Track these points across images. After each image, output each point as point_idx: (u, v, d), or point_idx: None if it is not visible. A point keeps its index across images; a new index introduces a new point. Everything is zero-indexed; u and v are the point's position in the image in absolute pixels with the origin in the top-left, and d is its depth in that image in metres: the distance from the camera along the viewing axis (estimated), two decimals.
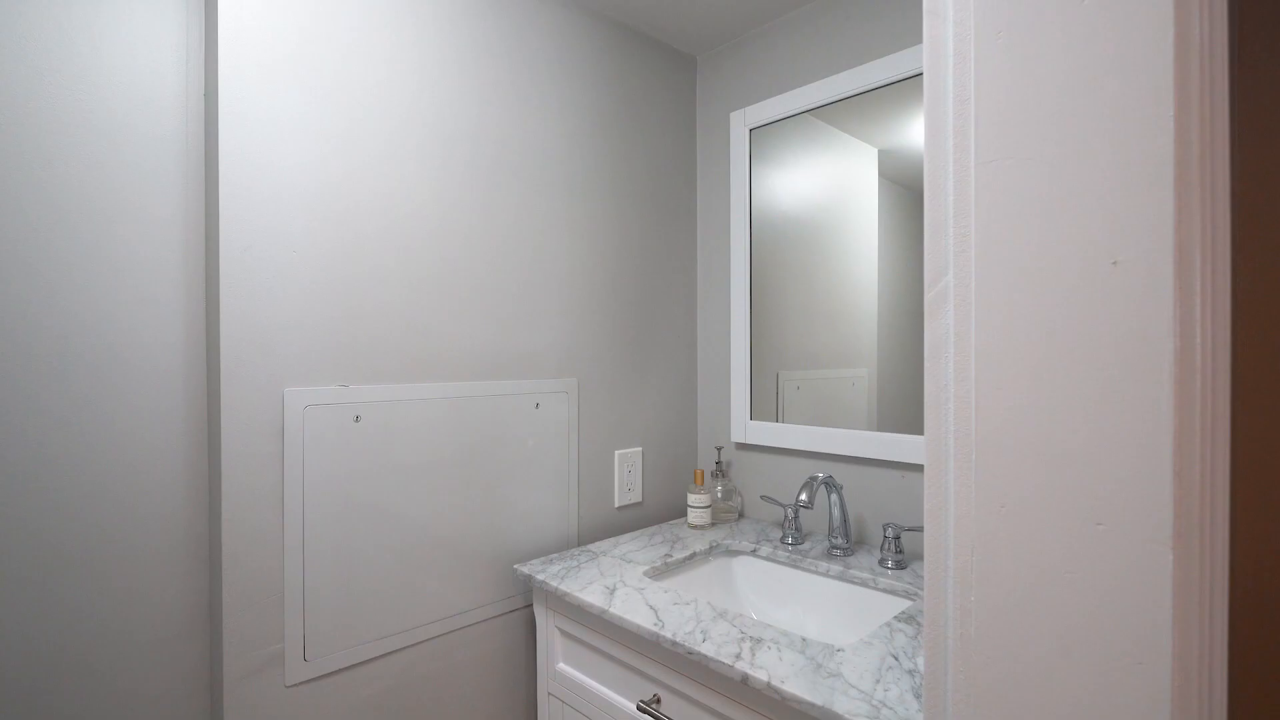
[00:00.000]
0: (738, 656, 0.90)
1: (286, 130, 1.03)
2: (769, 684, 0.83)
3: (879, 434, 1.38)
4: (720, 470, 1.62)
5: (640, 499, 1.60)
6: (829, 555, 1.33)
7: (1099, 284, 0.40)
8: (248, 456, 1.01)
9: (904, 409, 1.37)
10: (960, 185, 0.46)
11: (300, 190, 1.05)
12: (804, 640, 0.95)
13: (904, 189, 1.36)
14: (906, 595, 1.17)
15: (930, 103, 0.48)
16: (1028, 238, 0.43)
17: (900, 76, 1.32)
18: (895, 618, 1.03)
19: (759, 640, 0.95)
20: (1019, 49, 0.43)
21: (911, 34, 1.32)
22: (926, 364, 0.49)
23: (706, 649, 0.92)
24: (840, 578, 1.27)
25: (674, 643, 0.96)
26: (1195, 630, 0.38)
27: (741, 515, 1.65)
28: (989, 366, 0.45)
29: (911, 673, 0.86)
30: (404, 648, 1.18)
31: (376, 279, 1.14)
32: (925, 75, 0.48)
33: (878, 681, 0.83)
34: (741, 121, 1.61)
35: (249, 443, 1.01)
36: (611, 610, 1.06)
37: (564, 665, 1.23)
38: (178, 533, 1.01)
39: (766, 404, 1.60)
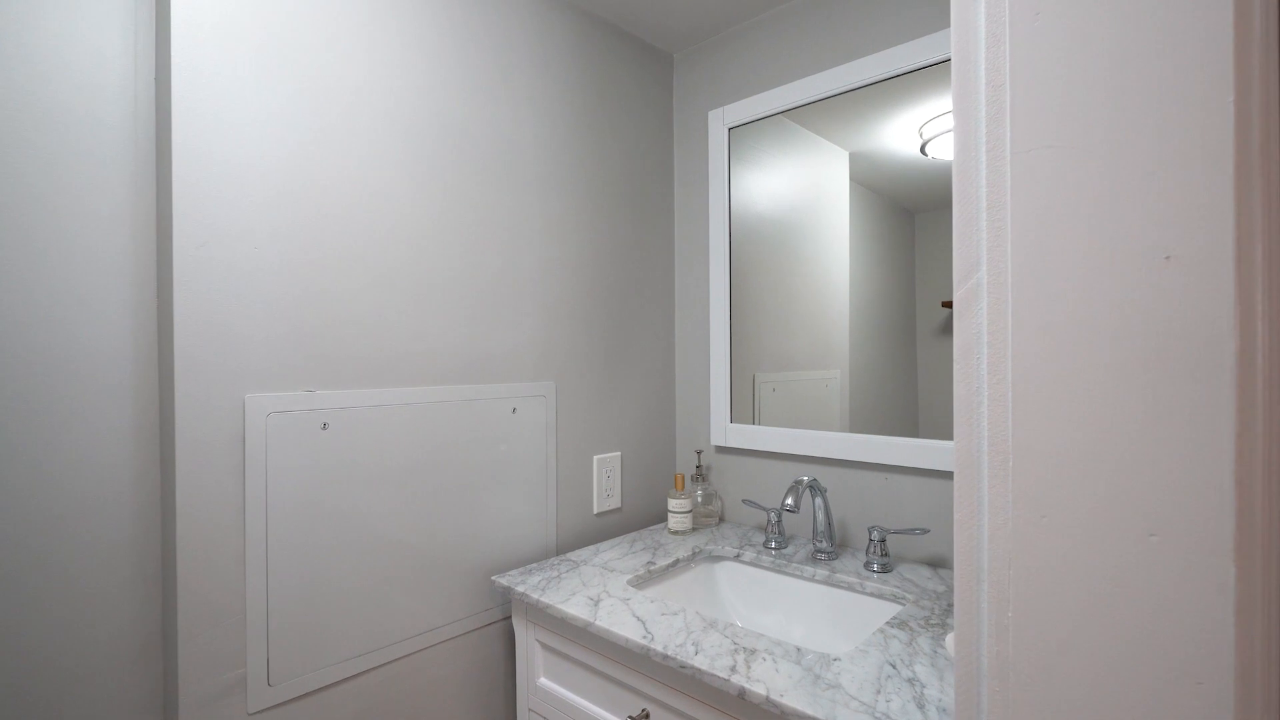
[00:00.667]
0: (733, 669, 0.87)
1: (246, 119, 0.96)
2: (768, 697, 0.80)
3: (862, 436, 1.37)
4: (700, 474, 1.59)
5: (619, 505, 1.56)
6: (814, 559, 1.31)
7: (1150, 280, 0.38)
8: (205, 468, 0.93)
9: (875, 410, 1.37)
10: (994, 176, 0.43)
11: (260, 183, 0.98)
12: (799, 650, 0.92)
13: (873, 193, 1.36)
14: (895, 599, 1.15)
15: (959, 90, 0.45)
16: (1069, 231, 0.41)
17: (882, 77, 1.31)
18: (888, 623, 1.01)
19: (753, 651, 0.92)
20: (1059, 30, 0.41)
21: (894, 34, 1.31)
22: (956, 365, 0.46)
23: (700, 662, 0.89)
24: (826, 582, 1.25)
25: (665, 656, 0.92)
26: (1259, 648, 0.36)
27: (722, 519, 1.62)
28: (1026, 368, 0.42)
29: (911, 681, 0.84)
30: (376, 667, 1.11)
31: (344, 278, 1.07)
32: (954, 60, 0.45)
33: (878, 692, 0.81)
34: (720, 120, 1.59)
35: (206, 453, 0.93)
36: (597, 623, 1.02)
37: (545, 680, 1.18)
38: (126, 551, 0.93)
39: (743, 406, 1.58)
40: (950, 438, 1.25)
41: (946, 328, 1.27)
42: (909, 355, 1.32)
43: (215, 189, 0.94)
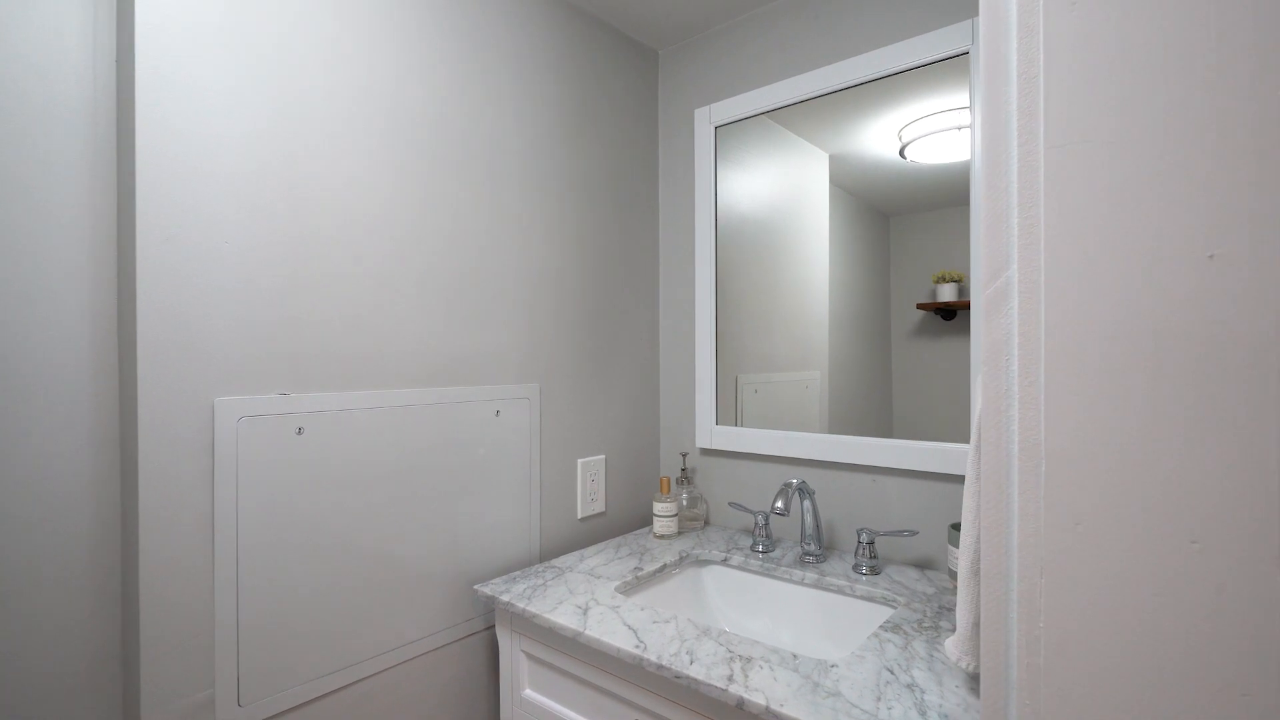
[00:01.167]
0: (730, 679, 0.84)
1: (216, 105, 0.91)
2: (768, 708, 0.78)
3: (844, 437, 1.37)
4: (685, 477, 1.57)
5: (603, 509, 1.53)
6: (802, 563, 1.30)
7: (1193, 280, 0.37)
8: (170, 477, 0.88)
9: (853, 411, 1.37)
10: (1026, 172, 0.42)
11: (232, 172, 0.93)
12: (795, 657, 0.90)
13: (851, 195, 1.36)
14: (885, 602, 1.14)
15: (989, 82, 0.44)
16: (1107, 229, 0.39)
17: (870, 78, 1.31)
18: (881, 627, 1.00)
19: (749, 659, 0.90)
20: (1096, 20, 0.39)
21: (885, 35, 1.31)
22: (984, 366, 0.44)
23: (696, 671, 0.87)
24: (816, 585, 1.24)
25: (659, 666, 0.89)
26: None
27: (707, 523, 1.61)
28: (1060, 370, 0.41)
29: (910, 687, 0.83)
30: (353, 683, 1.06)
31: (320, 274, 1.03)
32: (983, 52, 0.44)
33: (879, 699, 0.79)
34: (707, 119, 1.57)
35: (172, 461, 0.88)
36: (587, 632, 0.99)
37: (530, 692, 1.14)
38: (84, 565, 0.87)
39: (726, 408, 1.56)
40: (927, 438, 1.26)
41: (920, 330, 1.28)
42: (884, 357, 1.33)
43: (183, 179, 0.88)
